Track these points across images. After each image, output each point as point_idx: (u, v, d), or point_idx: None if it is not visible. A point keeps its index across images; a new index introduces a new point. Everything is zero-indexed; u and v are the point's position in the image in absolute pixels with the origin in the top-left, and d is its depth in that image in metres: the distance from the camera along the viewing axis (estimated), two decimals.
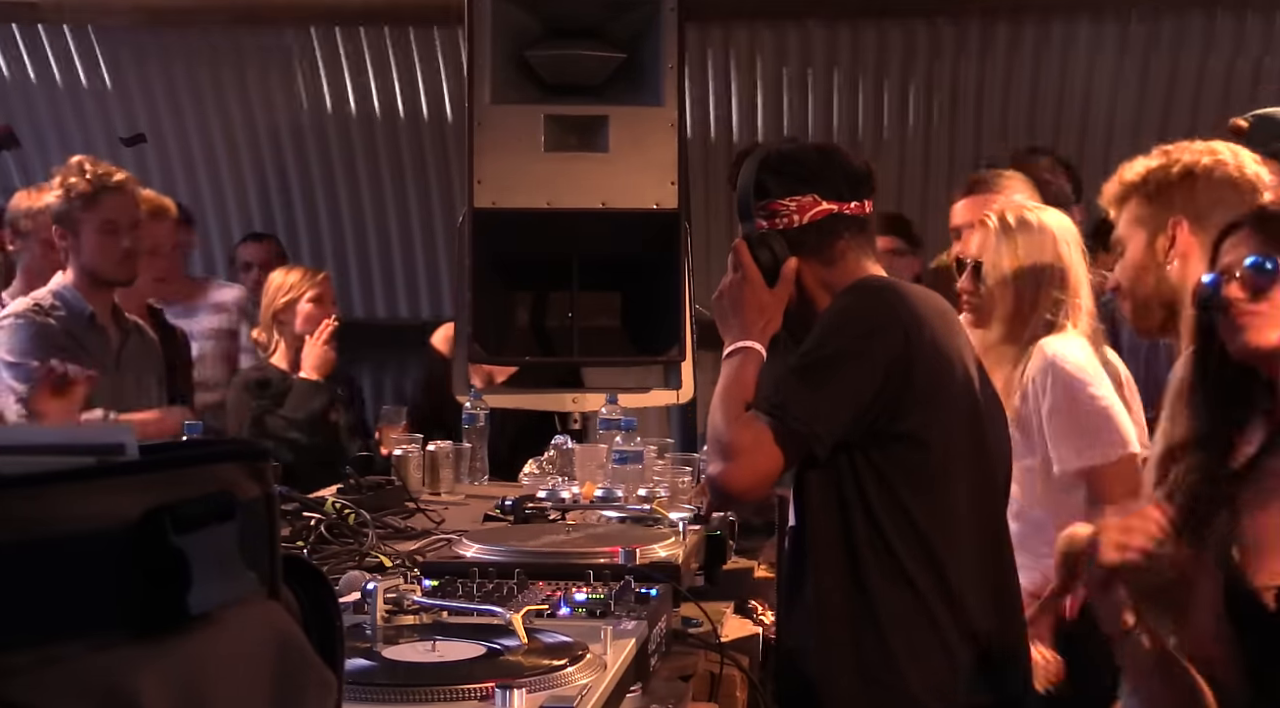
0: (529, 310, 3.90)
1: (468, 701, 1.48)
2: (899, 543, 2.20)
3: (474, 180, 3.73)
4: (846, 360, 2.20)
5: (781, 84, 5.67)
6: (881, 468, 2.20)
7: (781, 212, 2.36)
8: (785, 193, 2.36)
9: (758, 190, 2.37)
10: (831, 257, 2.36)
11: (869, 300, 2.27)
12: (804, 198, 2.35)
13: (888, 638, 2.20)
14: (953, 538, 2.23)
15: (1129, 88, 5.50)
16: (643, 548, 2.25)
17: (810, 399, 2.17)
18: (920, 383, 2.20)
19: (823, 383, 2.18)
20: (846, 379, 2.19)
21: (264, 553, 0.75)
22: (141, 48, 5.79)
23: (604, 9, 3.75)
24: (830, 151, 2.44)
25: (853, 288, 2.30)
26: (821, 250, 2.36)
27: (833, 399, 2.18)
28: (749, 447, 2.18)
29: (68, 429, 0.72)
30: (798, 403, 2.17)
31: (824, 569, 2.25)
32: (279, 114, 5.95)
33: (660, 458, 3.42)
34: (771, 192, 2.37)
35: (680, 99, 3.77)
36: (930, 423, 2.22)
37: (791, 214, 2.35)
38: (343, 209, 6.14)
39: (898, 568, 2.20)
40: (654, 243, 3.74)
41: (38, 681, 0.62)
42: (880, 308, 2.24)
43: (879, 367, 2.18)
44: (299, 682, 0.76)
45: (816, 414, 2.17)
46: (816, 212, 2.35)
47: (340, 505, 2.79)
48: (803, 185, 2.36)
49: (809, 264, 2.35)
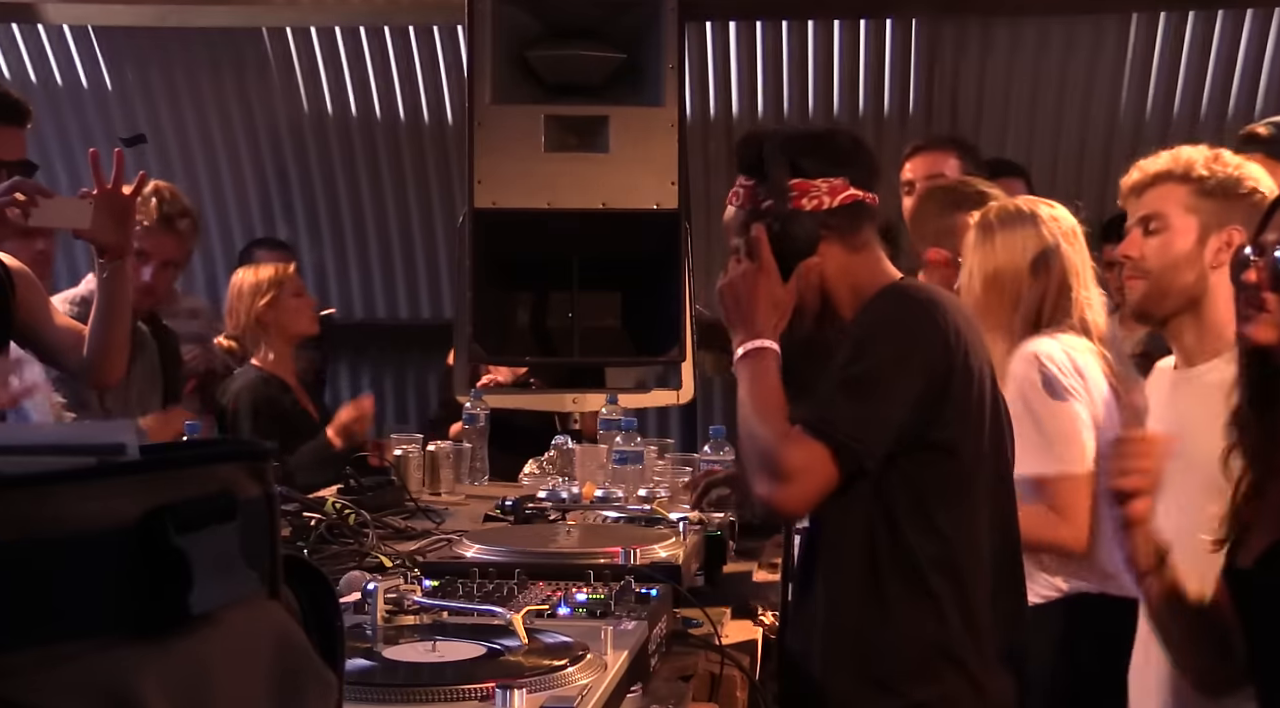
0: (529, 310, 3.90)
1: (468, 701, 1.48)
2: (922, 552, 2.17)
3: (474, 180, 3.73)
4: (892, 373, 2.14)
5: (781, 84, 5.67)
6: (910, 477, 2.17)
7: (813, 191, 2.26)
8: (818, 173, 2.27)
9: (791, 169, 2.26)
10: (857, 244, 2.30)
11: (910, 309, 2.20)
12: (836, 180, 2.27)
13: (901, 646, 2.19)
14: (974, 550, 2.21)
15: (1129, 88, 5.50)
16: (643, 548, 2.25)
17: (861, 415, 2.12)
18: (957, 394, 2.18)
19: (870, 397, 2.13)
20: (893, 392, 2.14)
21: (264, 553, 0.75)
22: (141, 48, 5.80)
23: (604, 9, 3.75)
24: (857, 138, 2.39)
25: (889, 295, 2.24)
26: (847, 236, 2.28)
27: (882, 413, 2.13)
28: (804, 468, 2.11)
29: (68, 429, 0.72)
30: (848, 420, 2.11)
31: (840, 574, 2.23)
32: (279, 114, 5.95)
33: (660, 458, 3.42)
34: (806, 170, 2.26)
35: (680, 99, 3.78)
36: (962, 434, 2.19)
37: (823, 195, 2.26)
38: (343, 209, 6.14)
39: (918, 577, 2.17)
40: (654, 243, 3.74)
41: (38, 681, 0.62)
42: (922, 318, 2.18)
43: (923, 378, 2.14)
44: (299, 682, 0.76)
45: (868, 430, 2.12)
46: (847, 196, 2.27)
47: (340, 505, 2.80)
48: (835, 167, 2.28)
49: (833, 250, 2.27)
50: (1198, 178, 2.51)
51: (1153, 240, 2.54)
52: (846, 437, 2.11)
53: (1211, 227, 2.50)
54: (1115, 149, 5.55)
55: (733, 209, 2.36)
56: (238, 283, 4.57)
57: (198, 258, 6.13)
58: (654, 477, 3.25)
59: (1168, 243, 2.53)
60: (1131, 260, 2.57)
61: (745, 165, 2.33)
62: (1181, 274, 2.51)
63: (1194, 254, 2.50)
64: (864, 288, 2.29)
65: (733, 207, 2.36)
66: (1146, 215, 2.55)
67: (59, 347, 3.25)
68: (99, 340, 3.20)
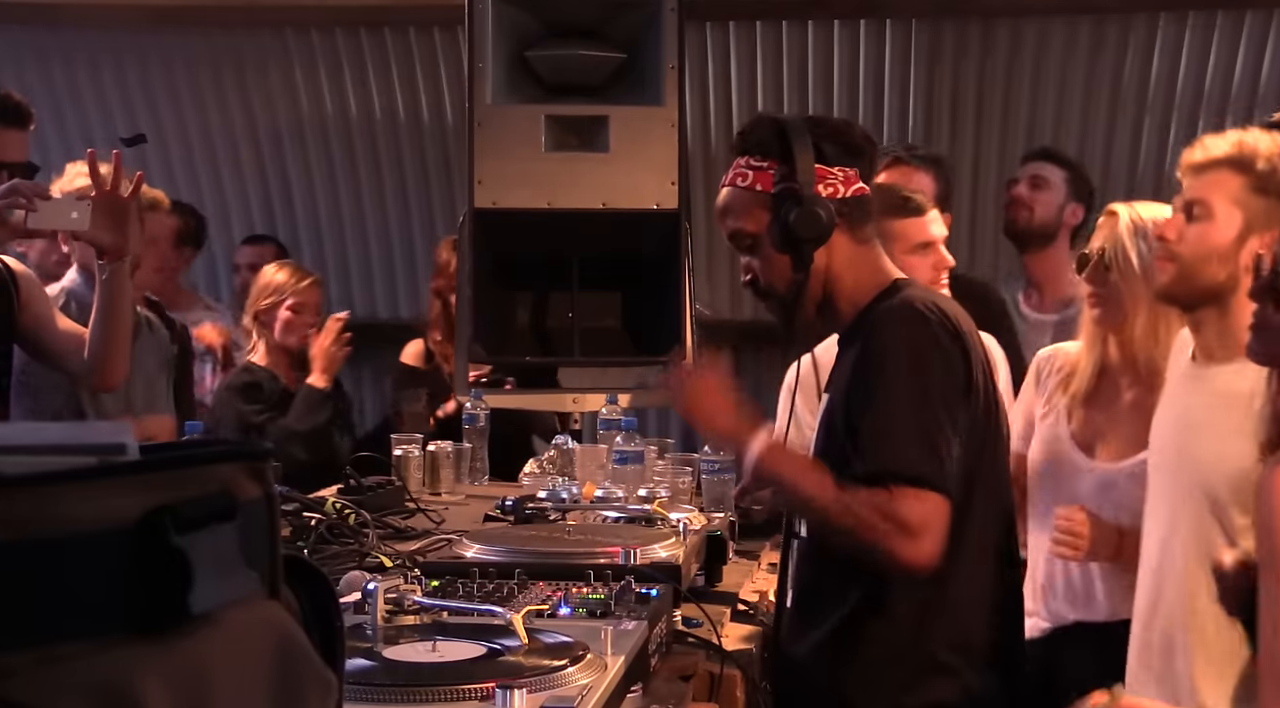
0: (529, 310, 3.90)
1: (468, 701, 1.48)
2: None
3: (474, 180, 3.73)
4: (936, 399, 2.14)
5: (781, 84, 5.66)
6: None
7: (830, 179, 2.25)
8: (837, 161, 2.26)
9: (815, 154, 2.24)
10: (864, 236, 2.29)
11: (927, 328, 2.18)
12: (850, 170, 2.27)
13: (894, 652, 2.19)
14: (971, 557, 2.21)
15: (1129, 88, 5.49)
16: (643, 548, 2.25)
17: (932, 451, 2.11)
18: (971, 401, 2.19)
19: (930, 431, 2.12)
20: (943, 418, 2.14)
21: (265, 553, 0.75)
22: (141, 48, 5.79)
23: (604, 9, 3.75)
24: (866, 132, 2.37)
25: (899, 314, 2.21)
26: (855, 228, 2.28)
27: (943, 441, 2.13)
28: (929, 520, 2.09)
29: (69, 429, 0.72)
30: (926, 460, 2.11)
31: (837, 579, 2.23)
32: (280, 115, 5.94)
33: (660, 458, 3.42)
34: (827, 157, 2.25)
35: (680, 99, 3.78)
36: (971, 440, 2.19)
37: (839, 184, 2.25)
38: (343, 209, 6.14)
39: (912, 584, 2.17)
40: (654, 243, 3.74)
41: (38, 680, 0.62)
42: (943, 336, 2.17)
43: (959, 393, 2.16)
44: (300, 682, 0.76)
45: (944, 462, 2.12)
46: (857, 188, 2.27)
47: (340, 506, 2.79)
48: (850, 158, 2.28)
49: (841, 240, 2.26)
50: (1257, 171, 2.38)
51: (1193, 227, 2.43)
52: (940, 480, 2.11)
53: (1256, 226, 2.38)
54: (1115, 150, 5.55)
55: (735, 191, 2.31)
56: (259, 275, 4.64)
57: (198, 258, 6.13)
58: (654, 477, 3.25)
59: (1206, 233, 2.41)
60: (1166, 242, 2.47)
61: (759, 146, 2.29)
62: (1212, 268, 2.41)
63: (1230, 251, 2.39)
64: (865, 283, 2.28)
65: (736, 188, 2.31)
66: (1192, 200, 2.44)
67: (62, 350, 3.25)
68: (99, 342, 3.20)
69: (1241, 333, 2.37)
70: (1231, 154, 2.40)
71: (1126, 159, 5.50)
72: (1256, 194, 2.38)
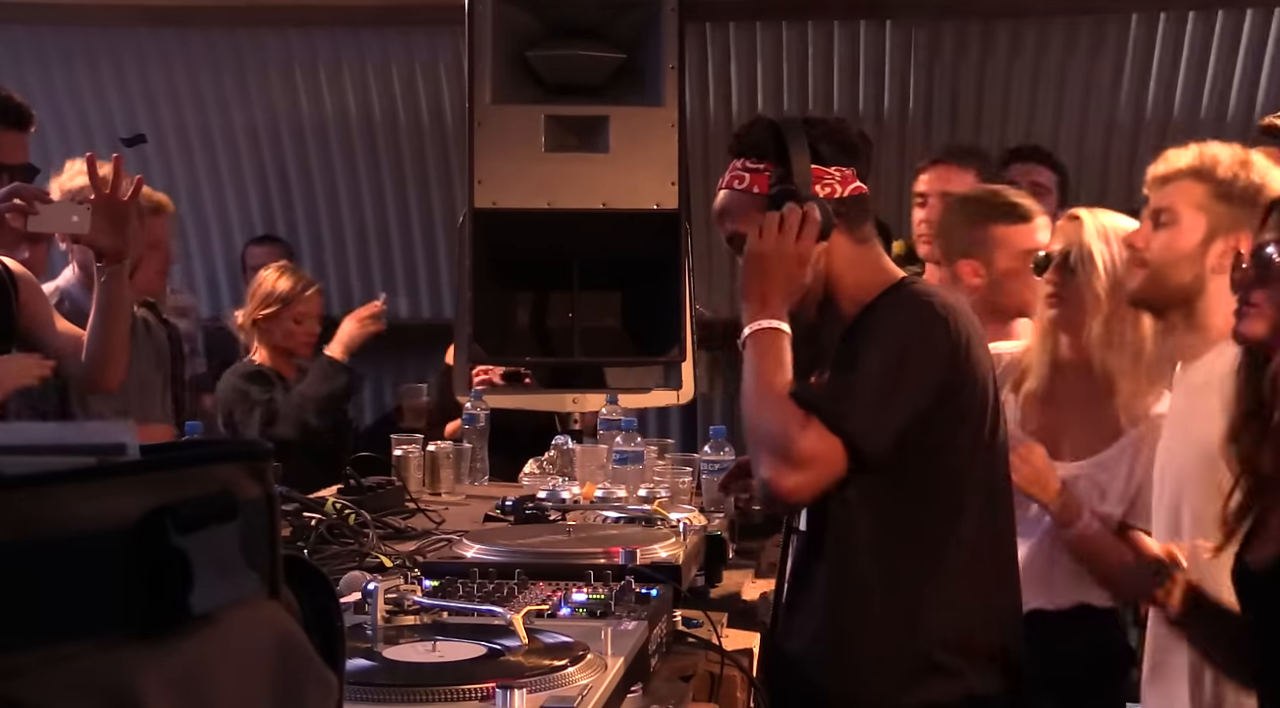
0: (529, 310, 3.90)
1: (468, 701, 1.48)
2: (914, 556, 2.18)
3: (474, 180, 3.73)
4: (905, 378, 2.14)
5: (781, 84, 5.67)
6: (905, 479, 2.17)
7: (827, 179, 2.26)
8: (834, 161, 2.27)
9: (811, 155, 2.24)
10: (862, 236, 2.30)
11: (925, 317, 2.19)
12: (847, 170, 2.28)
13: (894, 649, 2.19)
14: (970, 557, 2.21)
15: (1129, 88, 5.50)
16: (643, 548, 2.24)
17: (875, 414, 2.12)
18: (962, 401, 2.19)
19: (884, 398, 2.13)
20: (904, 398, 2.14)
21: (265, 553, 0.75)
22: (141, 48, 5.80)
23: (604, 9, 3.75)
24: (861, 131, 2.38)
25: (906, 298, 2.23)
26: (853, 228, 2.28)
27: (892, 415, 2.13)
28: (820, 457, 2.10)
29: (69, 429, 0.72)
30: (866, 417, 2.12)
31: (836, 576, 2.23)
32: (279, 115, 5.95)
33: (660, 458, 3.42)
34: (823, 157, 2.26)
35: (680, 99, 3.77)
36: (960, 440, 2.20)
37: (836, 183, 2.26)
38: (343, 209, 6.14)
39: (912, 580, 2.17)
40: (654, 243, 3.74)
41: (39, 680, 0.62)
42: (937, 325, 2.18)
43: (934, 391, 2.15)
44: (300, 682, 0.76)
45: (879, 430, 2.12)
46: (854, 187, 2.28)
47: (340, 506, 2.79)
48: (847, 157, 2.29)
49: (840, 240, 2.26)
50: (1218, 179, 2.50)
51: (1160, 234, 2.55)
52: (859, 432, 2.11)
53: (1220, 230, 2.50)
54: (1114, 150, 5.55)
55: (732, 193, 2.31)
56: (259, 280, 4.66)
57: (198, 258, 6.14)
58: (654, 477, 3.25)
59: (1173, 238, 2.53)
60: (1135, 250, 2.59)
61: (755, 148, 2.29)
62: (1179, 271, 2.52)
63: (1196, 254, 2.51)
64: (867, 282, 2.28)
65: (733, 191, 2.31)
66: (1158, 208, 2.57)
67: (60, 352, 3.24)
68: (98, 344, 3.20)
69: (1208, 333, 2.47)
70: (1194, 164, 2.53)
71: (1126, 159, 5.51)
72: (1219, 200, 2.50)
